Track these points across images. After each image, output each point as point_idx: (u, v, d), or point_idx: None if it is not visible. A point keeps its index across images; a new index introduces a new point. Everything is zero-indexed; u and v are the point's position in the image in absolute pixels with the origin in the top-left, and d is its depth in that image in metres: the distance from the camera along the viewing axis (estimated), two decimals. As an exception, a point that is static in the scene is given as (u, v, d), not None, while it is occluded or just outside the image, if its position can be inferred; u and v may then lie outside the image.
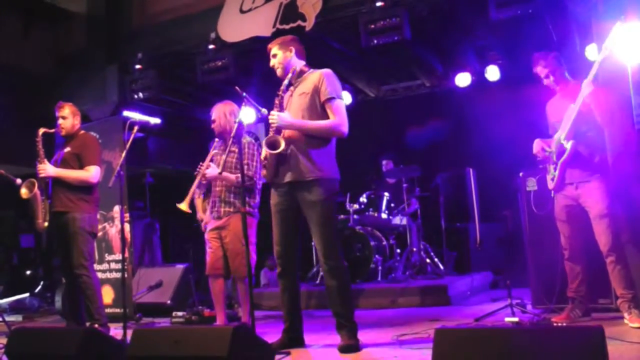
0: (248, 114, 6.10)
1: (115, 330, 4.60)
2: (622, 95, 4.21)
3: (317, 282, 6.52)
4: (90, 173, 4.56)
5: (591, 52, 5.19)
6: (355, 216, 6.81)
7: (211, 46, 6.09)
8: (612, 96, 3.94)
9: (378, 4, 5.31)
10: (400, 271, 6.46)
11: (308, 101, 3.62)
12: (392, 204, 6.91)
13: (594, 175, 3.85)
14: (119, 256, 6.15)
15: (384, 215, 6.81)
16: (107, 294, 6.10)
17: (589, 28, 4.75)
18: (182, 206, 4.59)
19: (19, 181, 4.69)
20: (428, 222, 7.17)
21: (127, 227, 6.03)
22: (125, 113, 6.58)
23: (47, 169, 4.51)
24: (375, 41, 5.34)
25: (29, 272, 9.23)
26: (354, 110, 3.71)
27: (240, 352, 2.59)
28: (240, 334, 2.61)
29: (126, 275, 4.97)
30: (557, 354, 2.10)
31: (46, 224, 4.51)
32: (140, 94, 6.53)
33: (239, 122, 3.94)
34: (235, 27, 6.05)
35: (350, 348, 3.40)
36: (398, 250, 6.82)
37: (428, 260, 6.66)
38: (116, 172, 4.20)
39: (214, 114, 4.57)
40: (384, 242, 6.63)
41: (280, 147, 3.52)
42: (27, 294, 7.91)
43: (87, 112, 6.66)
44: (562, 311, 4.06)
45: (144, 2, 7.09)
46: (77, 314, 4.61)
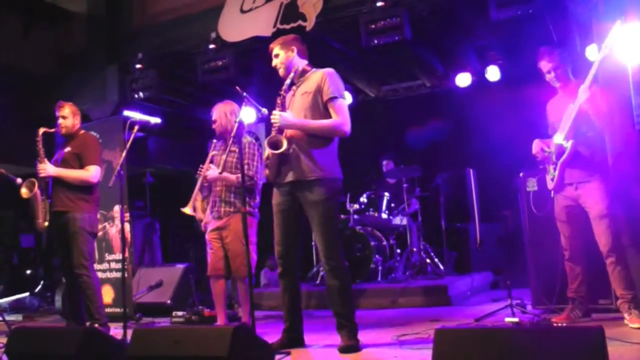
0: (248, 114, 6.10)
1: (116, 330, 4.60)
2: (623, 96, 4.20)
3: (317, 282, 6.53)
4: (91, 173, 4.56)
5: (591, 53, 5.18)
6: (355, 216, 6.81)
7: (212, 46, 6.09)
8: (611, 98, 3.92)
9: (378, 4, 5.31)
10: (400, 271, 6.46)
11: (310, 100, 3.61)
12: (393, 204, 6.92)
13: (593, 176, 3.83)
14: (119, 256, 6.15)
15: (384, 216, 6.81)
16: (107, 294, 6.09)
17: (590, 28, 4.74)
18: (186, 210, 4.61)
19: (19, 181, 4.69)
20: (428, 222, 7.17)
21: (127, 226, 6.03)
22: (126, 113, 6.58)
23: (47, 168, 4.51)
24: (375, 41, 5.34)
25: (29, 271, 9.23)
26: (355, 110, 3.71)
27: (241, 352, 2.59)
28: (240, 334, 2.61)
29: (126, 275, 4.97)
30: (557, 355, 2.10)
31: (46, 223, 4.51)
32: (141, 94, 6.53)
33: (240, 122, 3.94)
34: (235, 27, 6.05)
35: (350, 348, 3.40)
36: (398, 251, 6.82)
37: (428, 260, 6.66)
38: (116, 171, 4.19)
39: (215, 114, 4.57)
40: (384, 242, 6.63)
41: (282, 146, 3.52)
42: (27, 294, 7.90)
43: (88, 112, 6.66)
44: (562, 311, 4.06)
45: (145, 2, 7.09)
46: (77, 313, 4.61)
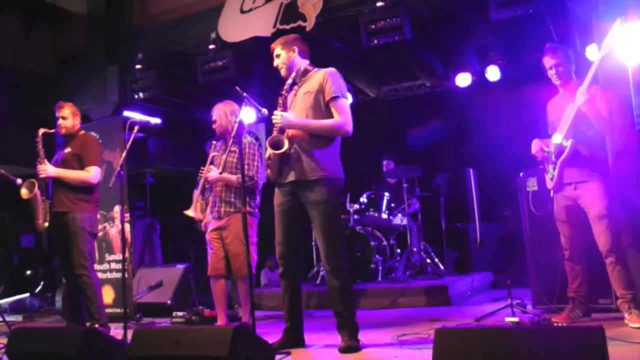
0: (248, 114, 6.09)
1: (116, 330, 4.60)
2: (623, 96, 4.20)
3: (318, 282, 6.53)
4: (91, 174, 4.56)
5: (591, 52, 5.19)
6: (355, 216, 6.81)
7: (211, 46, 6.09)
8: (612, 98, 3.90)
9: (379, 4, 5.30)
10: (400, 271, 6.46)
11: (312, 100, 3.60)
12: (393, 204, 6.92)
13: (592, 175, 3.82)
14: (119, 256, 6.15)
15: (384, 216, 6.81)
16: (108, 294, 6.09)
17: (590, 28, 4.74)
18: (189, 213, 4.62)
19: (19, 181, 4.69)
20: (428, 222, 7.17)
21: (127, 227, 6.03)
22: (126, 113, 6.59)
23: (47, 169, 4.51)
24: (375, 41, 5.34)
25: (29, 272, 9.22)
26: (355, 110, 3.70)
27: (241, 352, 2.58)
28: (240, 334, 2.61)
29: (126, 275, 4.97)
30: (557, 354, 2.10)
31: (46, 224, 4.51)
32: (141, 94, 6.53)
33: (240, 122, 3.93)
34: (235, 27, 6.05)
35: (350, 349, 3.40)
36: (398, 251, 6.82)
37: (428, 260, 6.66)
38: (116, 172, 4.19)
39: (215, 114, 4.57)
40: (385, 242, 6.63)
41: (283, 146, 3.51)
42: (27, 294, 7.89)
43: (88, 112, 6.66)
44: (562, 311, 4.05)
45: (145, 3, 7.09)
46: (78, 314, 4.61)
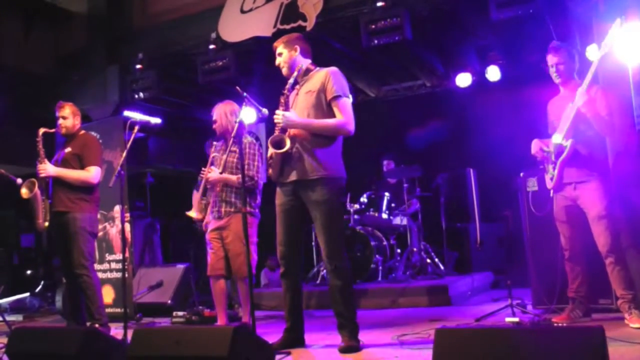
0: (249, 114, 6.09)
1: (116, 330, 4.60)
2: (623, 96, 4.20)
3: (318, 282, 6.53)
4: (91, 173, 4.56)
5: (592, 52, 5.18)
6: (355, 216, 6.81)
7: (212, 46, 6.09)
8: (612, 98, 3.90)
9: (379, 4, 5.30)
10: (400, 271, 6.46)
11: (314, 99, 3.60)
12: (393, 204, 6.92)
13: (592, 175, 3.81)
14: (119, 256, 6.15)
15: (384, 216, 6.81)
16: (108, 294, 6.09)
17: (590, 28, 4.74)
18: (191, 214, 4.62)
19: (19, 181, 4.69)
20: (429, 222, 7.17)
21: (127, 227, 6.03)
22: (126, 113, 6.59)
23: (47, 168, 4.51)
24: (376, 41, 5.34)
25: (29, 271, 9.22)
26: (355, 110, 3.69)
27: (241, 352, 2.58)
28: (240, 334, 2.61)
29: (127, 275, 4.97)
30: (557, 354, 2.10)
31: (46, 224, 4.51)
32: (141, 94, 6.54)
33: (240, 122, 3.93)
34: (235, 27, 6.05)
35: (350, 349, 3.39)
36: (398, 251, 6.82)
37: (429, 260, 6.66)
38: (117, 172, 4.19)
39: (215, 114, 4.57)
40: (385, 242, 6.63)
41: (285, 146, 3.51)
42: (27, 294, 7.90)
43: (88, 112, 6.66)
44: (562, 311, 4.05)
45: (145, 3, 7.09)
46: (78, 313, 4.61)
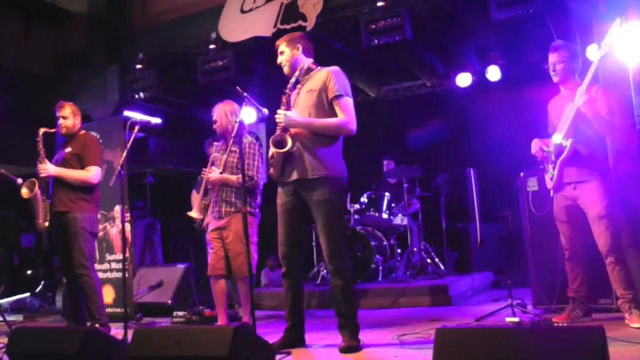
0: (249, 114, 6.09)
1: (116, 330, 4.60)
2: (623, 96, 4.20)
3: (318, 282, 6.53)
4: (91, 173, 4.56)
5: (592, 52, 5.18)
6: (356, 216, 6.81)
7: (212, 46, 6.09)
8: (612, 98, 3.89)
9: (379, 4, 5.30)
10: (401, 271, 6.46)
11: (315, 98, 3.59)
12: (393, 204, 6.92)
13: (592, 175, 3.81)
14: (119, 256, 6.15)
15: (384, 215, 6.81)
16: (108, 294, 6.10)
17: (590, 28, 4.74)
18: (192, 214, 4.62)
19: (19, 181, 4.69)
20: (429, 222, 7.17)
21: (127, 226, 6.03)
22: (126, 113, 6.59)
23: (47, 168, 4.51)
24: (376, 41, 5.34)
25: (29, 271, 9.22)
26: (355, 110, 3.70)
27: (241, 352, 2.58)
28: (241, 334, 2.61)
29: (127, 275, 4.97)
30: (557, 354, 2.10)
31: (47, 223, 4.51)
32: (141, 94, 6.54)
33: (240, 122, 3.92)
34: (236, 27, 6.05)
35: (351, 349, 3.39)
36: (399, 250, 6.83)
37: (429, 260, 6.66)
38: (117, 172, 4.19)
39: (215, 114, 4.57)
40: (385, 242, 6.63)
41: (287, 145, 3.51)
42: (27, 294, 7.90)
43: (88, 112, 6.67)
44: (562, 311, 4.05)
45: (145, 2, 7.09)
46: (78, 313, 4.62)
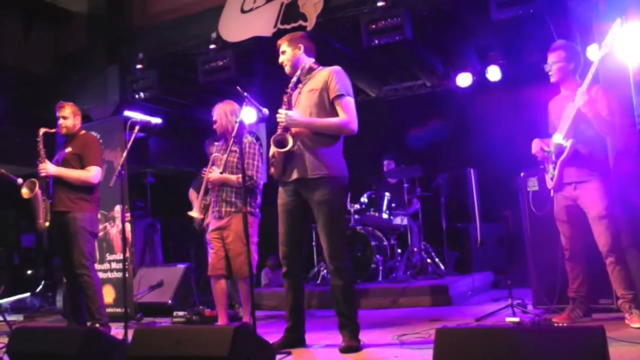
0: (249, 114, 6.10)
1: (116, 330, 4.60)
2: (623, 96, 4.20)
3: (318, 282, 6.54)
4: (91, 173, 4.56)
5: (592, 52, 5.18)
6: (356, 216, 6.82)
7: (212, 46, 6.08)
8: (612, 98, 3.89)
9: (379, 4, 5.30)
10: (401, 271, 6.46)
11: (317, 98, 3.59)
12: (393, 204, 6.92)
13: (592, 175, 3.81)
14: (120, 256, 6.15)
15: (385, 216, 6.81)
16: (108, 294, 6.10)
17: (590, 28, 4.74)
18: (192, 214, 4.62)
19: (20, 181, 4.69)
20: (429, 222, 7.17)
21: (128, 226, 6.03)
22: (126, 113, 6.59)
23: (47, 168, 4.51)
24: (376, 41, 5.34)
25: (30, 271, 9.23)
26: (355, 110, 3.71)
27: (241, 352, 2.58)
28: (241, 334, 2.61)
29: (127, 275, 4.97)
30: (558, 354, 2.10)
31: (47, 223, 4.51)
32: (142, 94, 6.54)
33: (240, 122, 3.92)
34: (236, 27, 6.05)
35: (351, 349, 3.39)
36: (399, 250, 6.83)
37: (429, 260, 6.66)
38: (117, 171, 4.19)
39: (215, 114, 4.57)
40: (385, 242, 6.63)
41: (288, 145, 3.50)
42: (28, 294, 7.90)
43: (88, 112, 6.67)
44: (562, 311, 4.05)
45: (145, 2, 7.09)
46: (78, 313, 4.62)
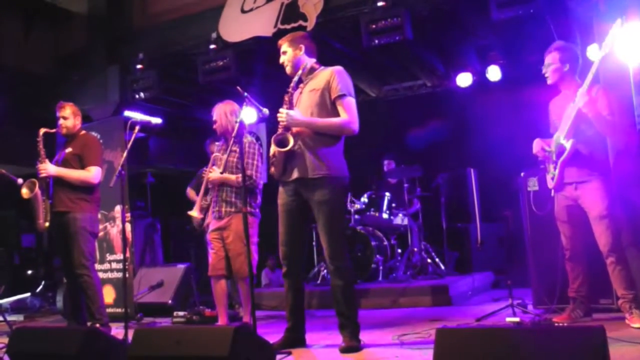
0: (249, 114, 6.10)
1: (117, 330, 4.61)
2: (624, 96, 4.19)
3: (319, 282, 6.53)
4: (91, 173, 4.56)
5: (592, 53, 5.18)
6: (356, 216, 6.82)
7: (212, 46, 6.09)
8: (613, 99, 3.88)
9: (379, 4, 5.30)
10: (401, 271, 6.46)
11: (318, 98, 3.59)
12: (393, 204, 6.92)
13: (593, 175, 3.81)
14: (120, 256, 6.15)
15: (385, 215, 6.81)
16: (108, 294, 6.10)
17: (590, 28, 4.73)
18: (193, 213, 4.62)
19: (20, 181, 4.70)
20: (429, 222, 7.17)
21: (128, 227, 6.03)
22: (127, 113, 6.58)
23: (48, 168, 4.52)
24: (376, 41, 5.34)
25: (30, 271, 9.23)
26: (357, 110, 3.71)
27: (242, 352, 2.58)
28: (241, 334, 2.61)
29: (127, 275, 4.97)
30: (558, 354, 2.10)
31: (47, 224, 4.51)
32: (142, 94, 6.54)
33: (240, 122, 3.91)
34: (236, 27, 6.05)
35: (351, 349, 3.39)
36: (399, 250, 6.83)
37: (429, 260, 6.66)
38: (117, 172, 4.19)
39: (215, 114, 4.56)
40: (385, 242, 6.63)
41: (289, 144, 3.50)
42: (28, 294, 7.90)
43: (89, 112, 6.67)
44: (563, 311, 4.05)
45: (145, 2, 7.09)
46: (78, 313, 4.62)
